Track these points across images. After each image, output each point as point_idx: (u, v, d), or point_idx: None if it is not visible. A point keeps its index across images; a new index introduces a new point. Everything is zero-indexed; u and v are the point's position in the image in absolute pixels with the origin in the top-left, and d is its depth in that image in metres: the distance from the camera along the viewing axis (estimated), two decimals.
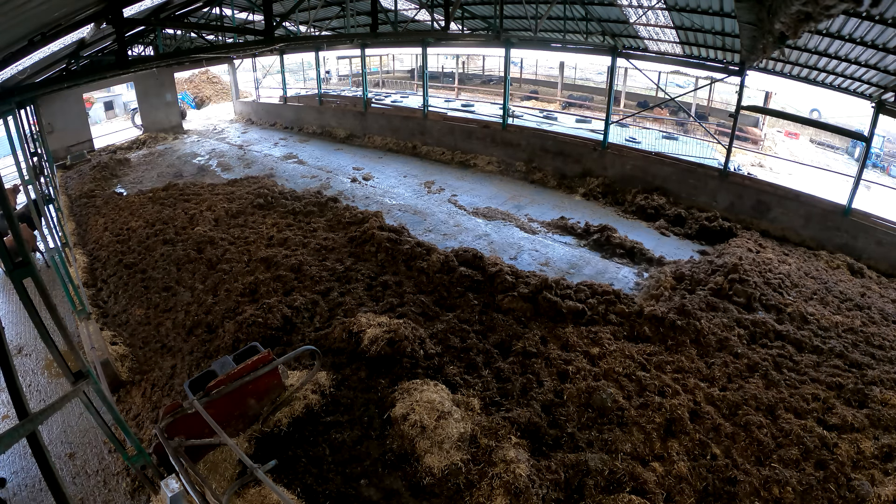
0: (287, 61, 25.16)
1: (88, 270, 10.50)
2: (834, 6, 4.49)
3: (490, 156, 16.59)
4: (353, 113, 20.91)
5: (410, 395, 6.00)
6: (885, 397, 6.19)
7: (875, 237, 10.12)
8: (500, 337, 7.50)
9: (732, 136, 12.39)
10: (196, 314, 8.35)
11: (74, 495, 5.37)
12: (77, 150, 19.30)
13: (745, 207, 11.85)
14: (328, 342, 7.23)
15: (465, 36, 16.20)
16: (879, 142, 21.24)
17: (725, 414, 6.03)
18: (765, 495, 4.98)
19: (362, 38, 12.07)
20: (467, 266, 9.20)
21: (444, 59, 36.89)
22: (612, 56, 13.66)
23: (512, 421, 5.73)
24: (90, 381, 3.79)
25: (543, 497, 4.87)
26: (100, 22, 6.09)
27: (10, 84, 7.59)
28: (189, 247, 10.62)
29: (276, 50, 22.39)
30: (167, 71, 22.57)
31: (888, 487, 4.98)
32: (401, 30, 15.40)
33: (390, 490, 5.17)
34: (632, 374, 6.61)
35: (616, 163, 13.93)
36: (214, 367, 5.59)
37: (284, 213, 12.32)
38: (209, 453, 5.42)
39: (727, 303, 8.25)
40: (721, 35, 11.76)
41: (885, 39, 8.05)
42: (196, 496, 4.02)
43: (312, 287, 8.75)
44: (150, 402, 6.63)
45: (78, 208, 14.16)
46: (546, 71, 33.03)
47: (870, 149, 10.82)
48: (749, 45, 9.43)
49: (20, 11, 3.94)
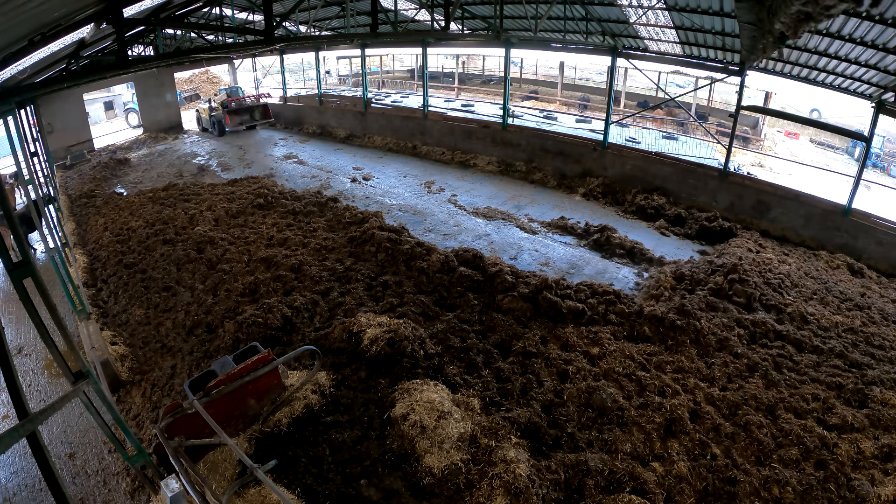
0: (287, 61, 25.17)
1: (88, 270, 10.50)
2: (834, 6, 4.49)
3: (490, 156, 16.59)
4: (353, 113, 20.91)
5: (410, 395, 6.00)
6: (885, 397, 6.19)
7: (875, 237, 10.12)
8: (500, 337, 7.50)
9: (732, 137, 12.39)
10: (196, 314, 8.35)
11: (74, 495, 5.37)
12: (77, 150, 19.30)
13: (745, 207, 11.85)
14: (328, 342, 7.23)
15: (465, 36, 16.21)
16: (879, 142, 21.24)
17: (725, 414, 6.02)
18: (765, 495, 4.98)
19: (362, 38, 12.07)
20: (467, 266, 9.20)
21: (444, 59, 36.90)
22: (612, 56, 13.66)
23: (512, 421, 5.73)
24: (90, 381, 3.79)
25: (543, 497, 4.87)
26: (100, 22, 6.09)
27: (10, 84, 7.59)
28: (189, 247, 10.62)
29: (276, 50, 22.41)
30: (167, 71, 22.58)
31: (888, 487, 4.98)
32: (401, 30, 15.40)
33: (390, 490, 5.17)
34: (632, 374, 6.61)
35: (616, 163, 13.93)
36: (214, 367, 5.59)
37: (284, 213, 12.32)
38: (209, 453, 5.42)
39: (727, 303, 8.26)
40: (721, 35, 11.76)
41: (885, 39, 8.05)
42: (196, 496, 4.02)
43: (312, 287, 8.75)
44: (150, 402, 6.63)
45: (78, 208, 14.16)
46: (546, 71, 33.04)
47: (870, 149, 10.82)
48: (749, 45, 9.43)
49: (20, 11, 3.94)
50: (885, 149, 21.90)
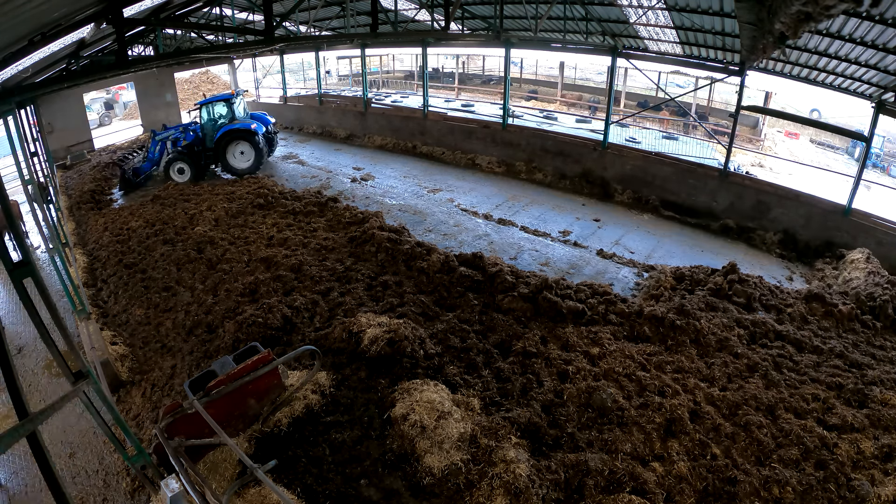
0: (287, 61, 25.16)
1: (88, 270, 10.50)
2: (834, 6, 4.49)
3: (490, 156, 16.59)
4: (353, 113, 20.91)
5: (410, 395, 6.00)
6: (886, 397, 6.19)
7: (875, 237, 10.12)
8: (500, 337, 7.50)
9: (732, 137, 12.40)
10: (196, 314, 8.35)
11: (74, 495, 5.37)
12: (77, 150, 19.28)
13: (746, 207, 11.84)
14: (328, 342, 7.23)
15: (465, 36, 16.21)
16: (879, 142, 21.23)
17: (725, 414, 6.02)
18: (765, 495, 4.98)
19: (362, 38, 12.08)
20: (467, 266, 9.20)
21: (444, 59, 36.89)
22: (612, 56, 13.66)
23: (512, 421, 5.73)
24: (90, 381, 3.79)
25: (543, 497, 4.87)
26: (100, 22, 6.10)
27: (11, 84, 7.60)
28: (189, 247, 10.62)
29: (276, 50, 22.40)
30: (167, 71, 22.55)
31: (888, 487, 4.98)
32: (401, 30, 15.41)
33: (390, 490, 5.17)
34: (632, 374, 6.60)
35: (616, 163, 13.93)
36: (214, 367, 5.59)
37: (284, 213, 12.32)
38: (209, 453, 5.42)
39: (727, 303, 8.25)
40: (721, 35, 11.76)
41: (885, 39, 8.05)
42: (196, 496, 4.02)
43: (312, 287, 8.75)
44: (150, 402, 6.63)
45: (78, 208, 14.16)
46: (546, 71, 33.02)
47: (870, 149, 10.82)
48: (749, 46, 9.43)
49: (20, 11, 3.94)
50: (885, 149, 21.89)
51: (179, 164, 14.77)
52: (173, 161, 14.78)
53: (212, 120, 15.27)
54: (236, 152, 15.23)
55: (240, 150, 15.22)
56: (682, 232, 11.89)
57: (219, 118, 15.33)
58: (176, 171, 14.76)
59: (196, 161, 15.00)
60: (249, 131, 14.94)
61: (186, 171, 14.80)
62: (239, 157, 15.34)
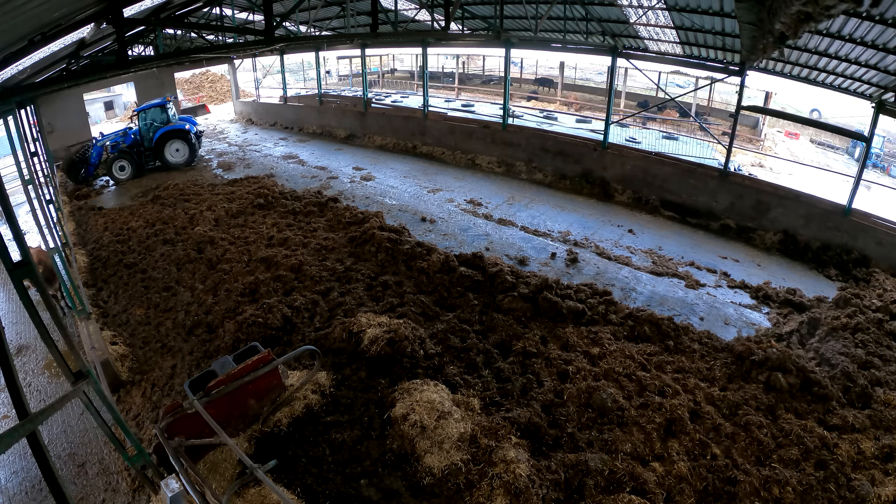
0: (287, 61, 25.17)
1: (88, 270, 10.49)
2: (834, 6, 4.49)
3: (490, 156, 16.59)
4: (353, 113, 20.91)
5: (410, 395, 6.00)
6: (889, 398, 6.17)
7: (875, 237, 10.11)
8: (500, 337, 7.50)
9: (732, 137, 12.39)
10: (196, 314, 8.35)
11: (74, 495, 5.37)
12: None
13: (746, 207, 11.83)
14: (328, 342, 7.23)
15: (466, 36, 16.21)
16: (879, 142, 21.24)
17: (725, 414, 6.02)
18: (765, 495, 4.98)
19: (362, 38, 12.07)
20: (467, 266, 9.20)
21: (444, 59, 36.90)
22: (613, 56, 13.66)
23: (512, 421, 5.73)
24: (90, 381, 3.79)
25: (543, 497, 4.87)
26: (100, 22, 6.09)
27: (10, 84, 7.60)
28: (189, 247, 10.62)
29: (277, 50, 22.40)
30: (167, 71, 22.56)
31: (888, 488, 4.97)
32: (401, 30, 15.40)
33: (390, 490, 5.17)
34: (632, 374, 6.60)
35: (616, 163, 13.93)
36: (214, 367, 5.59)
37: (284, 213, 12.32)
38: (209, 453, 5.42)
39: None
40: (721, 35, 11.76)
41: (885, 39, 8.04)
42: (196, 496, 4.02)
43: (312, 287, 8.75)
44: (150, 402, 6.63)
45: (78, 208, 14.16)
46: (546, 71, 33.03)
47: (870, 149, 10.81)
48: (749, 46, 9.43)
49: (20, 11, 3.94)
50: (885, 149, 21.89)
51: (121, 163, 16.43)
52: (114, 161, 16.33)
53: (147, 123, 17.11)
54: (172, 150, 17.28)
55: (175, 147, 17.28)
56: (683, 232, 11.89)
57: (153, 122, 17.17)
58: (117, 168, 16.37)
59: (137, 159, 16.73)
60: (184, 131, 17.17)
61: (127, 168, 16.53)
62: (175, 154, 17.39)
